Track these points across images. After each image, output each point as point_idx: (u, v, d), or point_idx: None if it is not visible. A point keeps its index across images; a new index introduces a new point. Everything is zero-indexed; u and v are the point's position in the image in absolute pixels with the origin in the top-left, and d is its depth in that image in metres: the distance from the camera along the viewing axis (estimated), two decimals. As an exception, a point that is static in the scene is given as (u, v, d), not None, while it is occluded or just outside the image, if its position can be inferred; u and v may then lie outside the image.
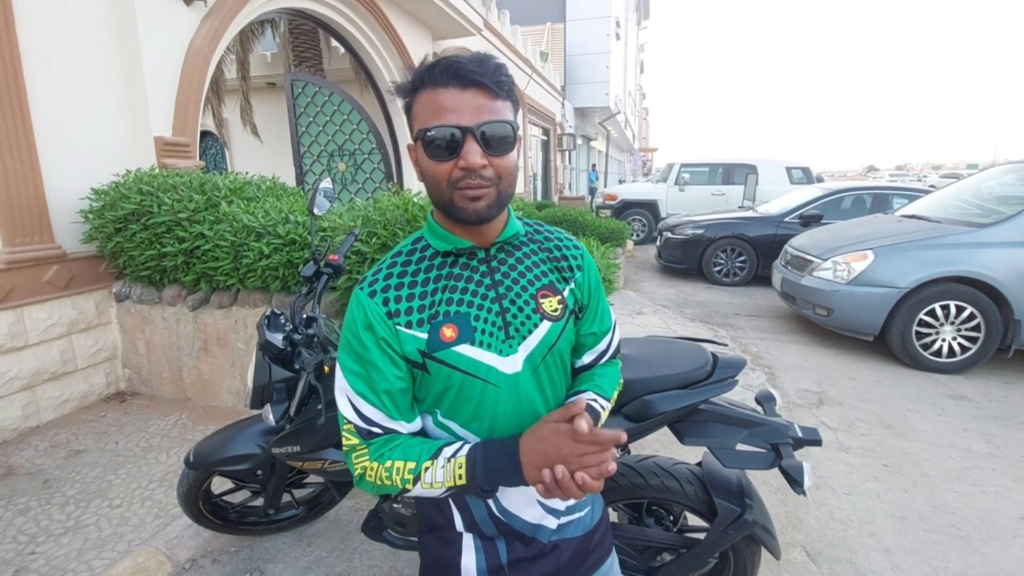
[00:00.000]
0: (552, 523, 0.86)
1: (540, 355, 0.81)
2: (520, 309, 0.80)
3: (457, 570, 0.84)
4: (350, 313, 0.79)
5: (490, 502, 0.83)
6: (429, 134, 0.70)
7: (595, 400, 0.86)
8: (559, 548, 0.87)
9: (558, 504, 0.86)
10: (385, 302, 0.77)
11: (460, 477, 0.70)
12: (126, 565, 1.82)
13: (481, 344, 0.77)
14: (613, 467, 0.64)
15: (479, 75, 0.69)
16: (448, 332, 0.76)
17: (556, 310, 0.82)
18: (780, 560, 1.61)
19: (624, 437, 0.66)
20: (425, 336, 0.76)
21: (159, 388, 3.27)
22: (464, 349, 0.76)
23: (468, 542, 0.84)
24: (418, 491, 0.73)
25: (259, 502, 1.98)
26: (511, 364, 0.78)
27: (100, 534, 2.02)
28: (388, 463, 0.74)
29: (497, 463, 0.70)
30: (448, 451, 0.74)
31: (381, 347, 0.76)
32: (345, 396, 0.78)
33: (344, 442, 0.79)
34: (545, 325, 0.81)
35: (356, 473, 0.77)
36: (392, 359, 0.76)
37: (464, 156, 0.69)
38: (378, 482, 0.75)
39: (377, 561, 1.94)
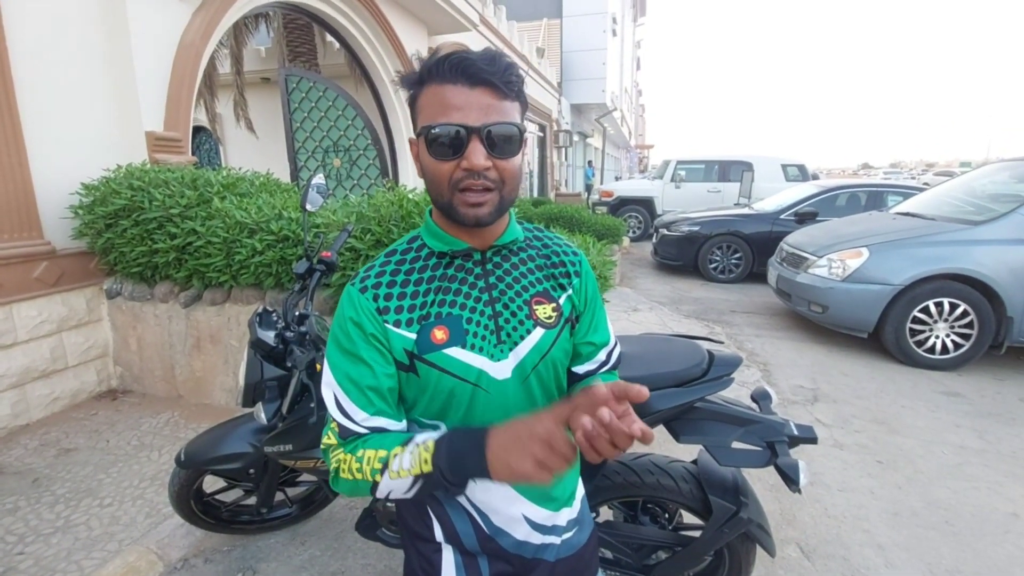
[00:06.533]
0: (538, 539, 0.83)
1: (531, 363, 0.78)
2: (513, 314, 0.78)
3: None
4: (340, 309, 0.77)
5: (477, 517, 0.81)
6: (433, 132, 0.67)
7: None
8: (543, 565, 0.84)
9: (545, 520, 0.83)
10: (375, 298, 0.75)
11: (426, 462, 0.64)
12: (117, 565, 1.80)
13: (472, 347, 0.75)
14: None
15: (489, 74, 0.66)
16: (439, 334, 0.74)
17: (550, 317, 0.80)
18: (775, 557, 1.61)
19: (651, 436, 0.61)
20: (413, 336, 0.74)
21: (151, 386, 3.24)
22: (455, 352, 0.74)
23: (448, 557, 0.81)
24: (386, 483, 0.67)
25: (252, 501, 1.97)
26: (502, 370, 0.76)
27: (90, 534, 2.00)
28: (360, 452, 0.70)
29: (461, 447, 0.64)
30: (420, 438, 0.69)
31: (369, 342, 0.74)
32: (331, 392, 0.75)
33: (324, 440, 0.76)
34: (538, 332, 0.78)
35: (332, 467, 0.73)
36: (381, 354, 0.74)
37: (468, 157, 0.67)
38: (350, 476, 0.70)
39: (371, 560, 1.93)
